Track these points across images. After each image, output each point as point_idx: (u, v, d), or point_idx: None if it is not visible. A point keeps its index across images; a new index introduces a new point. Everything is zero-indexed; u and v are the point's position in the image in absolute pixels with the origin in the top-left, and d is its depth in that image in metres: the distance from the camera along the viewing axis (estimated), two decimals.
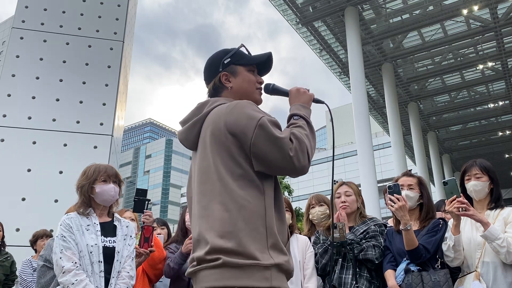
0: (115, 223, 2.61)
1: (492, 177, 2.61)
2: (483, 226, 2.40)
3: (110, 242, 2.49)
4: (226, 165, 1.49)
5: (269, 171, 1.50)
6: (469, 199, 2.60)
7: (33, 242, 4.92)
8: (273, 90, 1.77)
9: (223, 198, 1.46)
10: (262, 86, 1.76)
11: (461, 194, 2.50)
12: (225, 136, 1.50)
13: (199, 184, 1.56)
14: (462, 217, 2.53)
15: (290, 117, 1.63)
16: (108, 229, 2.55)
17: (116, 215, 2.68)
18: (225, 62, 1.70)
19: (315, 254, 3.02)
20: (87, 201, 2.54)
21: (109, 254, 2.45)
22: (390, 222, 3.09)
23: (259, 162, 1.48)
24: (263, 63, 1.76)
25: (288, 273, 1.48)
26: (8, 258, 4.74)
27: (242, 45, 1.75)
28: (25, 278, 4.66)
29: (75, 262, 2.33)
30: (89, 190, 2.53)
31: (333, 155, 1.81)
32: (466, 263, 2.55)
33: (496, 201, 2.59)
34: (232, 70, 1.71)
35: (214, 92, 1.72)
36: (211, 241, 1.42)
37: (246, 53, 1.76)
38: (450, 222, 2.58)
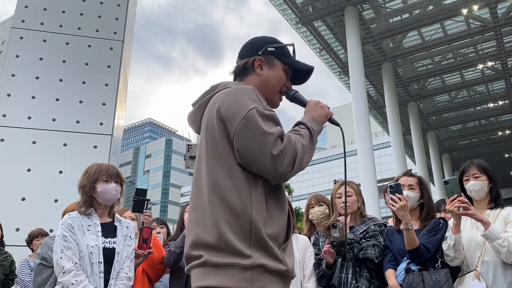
0: (116, 223, 2.61)
1: (490, 176, 2.62)
2: (484, 226, 2.40)
3: (110, 243, 2.50)
4: (215, 153, 1.42)
5: (248, 168, 1.38)
6: (469, 199, 2.60)
7: (29, 242, 4.93)
8: (293, 97, 1.68)
9: (207, 188, 1.40)
10: (285, 90, 1.67)
11: (462, 194, 2.50)
12: (216, 122, 1.43)
13: (194, 173, 1.53)
14: (462, 217, 2.53)
15: (296, 124, 1.52)
16: (109, 230, 2.55)
17: (117, 215, 2.68)
18: (269, 49, 1.62)
19: (315, 254, 3.02)
20: (89, 200, 2.55)
21: (109, 255, 2.46)
22: (390, 222, 3.09)
23: (239, 156, 1.38)
24: (300, 73, 1.67)
25: (279, 273, 1.35)
26: (8, 257, 4.74)
27: (292, 45, 1.68)
28: (23, 278, 4.66)
29: (75, 263, 2.34)
30: (91, 189, 2.54)
31: (345, 165, 1.76)
32: (466, 262, 2.55)
33: (495, 200, 2.60)
34: (270, 60, 1.62)
35: (242, 71, 1.64)
36: (194, 234, 1.37)
37: (291, 53, 1.67)
38: (451, 222, 2.58)
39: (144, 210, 3.13)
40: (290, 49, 1.67)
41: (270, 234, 1.37)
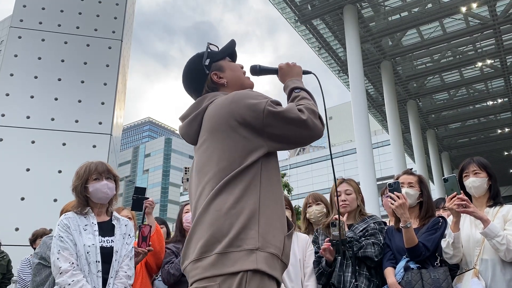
0: (114, 222, 2.59)
1: (490, 173, 2.62)
2: (483, 223, 2.40)
3: (108, 241, 2.48)
4: (229, 156, 1.49)
5: (289, 146, 1.54)
6: (468, 197, 2.59)
7: (33, 241, 4.92)
8: (261, 70, 1.78)
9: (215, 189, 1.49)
10: (244, 70, 1.80)
11: (461, 191, 2.49)
12: (229, 127, 1.50)
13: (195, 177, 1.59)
14: (461, 214, 2.53)
15: (291, 90, 1.67)
16: (106, 229, 2.53)
17: (114, 213, 2.66)
18: (206, 64, 1.72)
19: (315, 252, 3.02)
20: (83, 201, 2.53)
21: (107, 254, 2.44)
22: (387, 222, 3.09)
23: (276, 142, 1.51)
24: (232, 52, 1.81)
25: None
26: (5, 257, 4.74)
27: (209, 44, 1.78)
28: (24, 277, 4.65)
29: (72, 263, 2.33)
30: (83, 190, 2.51)
31: (328, 132, 1.80)
32: (465, 260, 2.55)
33: (494, 197, 2.59)
34: (217, 67, 1.73)
35: (212, 90, 1.73)
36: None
37: (216, 49, 1.79)
38: (449, 219, 2.58)
39: (144, 201, 3.11)
40: (214, 48, 1.79)
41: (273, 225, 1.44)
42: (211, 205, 1.42)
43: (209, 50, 1.76)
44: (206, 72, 1.71)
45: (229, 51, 1.80)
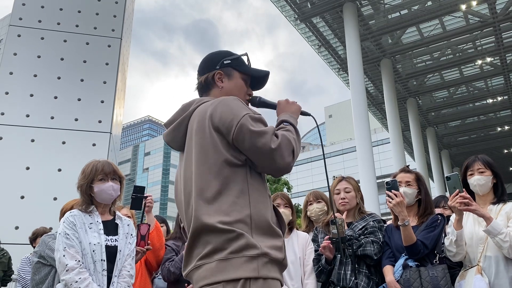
0: (117, 221, 2.61)
1: (495, 172, 2.61)
2: (486, 221, 2.40)
3: (112, 240, 2.49)
4: (205, 159, 1.49)
5: (255, 168, 1.51)
6: (472, 194, 2.59)
7: (33, 240, 4.93)
8: (259, 103, 1.77)
9: (195, 193, 1.50)
10: (248, 97, 1.76)
11: (464, 189, 2.49)
12: (209, 132, 1.49)
13: (182, 177, 1.59)
14: (464, 212, 2.53)
15: (280, 123, 1.63)
16: (110, 228, 2.54)
17: (117, 213, 2.67)
18: (225, 62, 1.69)
19: (314, 250, 3.02)
20: (88, 200, 2.54)
21: (111, 253, 2.45)
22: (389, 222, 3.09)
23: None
24: (258, 79, 1.76)
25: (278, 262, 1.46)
26: (5, 254, 4.75)
27: (246, 54, 1.76)
28: (24, 276, 4.65)
29: (78, 261, 2.33)
30: (88, 189, 2.52)
31: (325, 161, 1.81)
32: (468, 257, 2.55)
33: (500, 196, 2.59)
34: (229, 72, 1.70)
35: (205, 86, 1.71)
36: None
37: (247, 62, 1.75)
38: (453, 217, 2.57)
39: (144, 196, 3.10)
40: (245, 58, 1.75)
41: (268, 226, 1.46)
42: (206, 213, 1.42)
43: (243, 56, 1.73)
44: (216, 67, 1.69)
45: (256, 74, 1.75)
